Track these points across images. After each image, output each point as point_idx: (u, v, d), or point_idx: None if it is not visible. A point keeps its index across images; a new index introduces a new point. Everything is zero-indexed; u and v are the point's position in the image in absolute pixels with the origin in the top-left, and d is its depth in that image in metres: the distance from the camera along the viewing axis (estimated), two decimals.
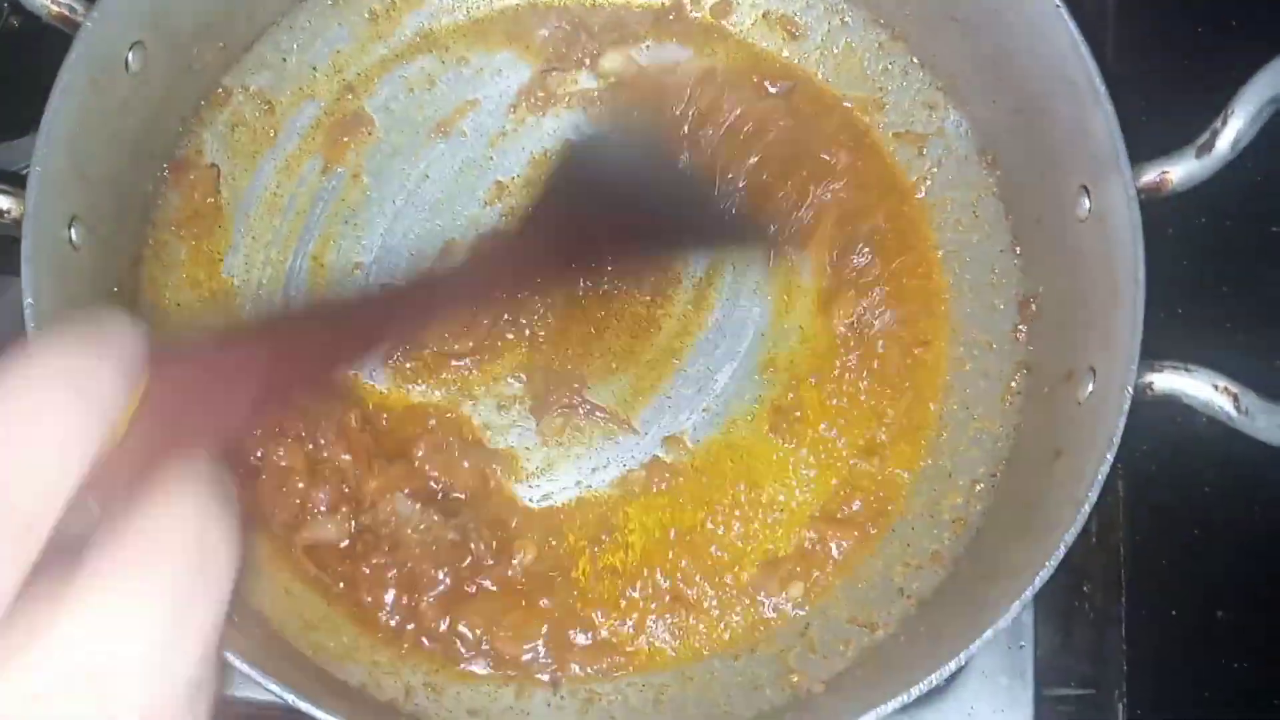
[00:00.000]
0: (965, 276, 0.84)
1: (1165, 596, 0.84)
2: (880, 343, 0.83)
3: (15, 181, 0.65)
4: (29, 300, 0.62)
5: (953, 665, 0.59)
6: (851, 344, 0.83)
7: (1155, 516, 0.86)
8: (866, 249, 0.84)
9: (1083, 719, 0.86)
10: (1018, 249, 0.82)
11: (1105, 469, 0.62)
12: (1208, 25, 0.85)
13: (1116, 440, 0.62)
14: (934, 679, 0.59)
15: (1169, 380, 0.65)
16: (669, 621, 0.77)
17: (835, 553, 0.79)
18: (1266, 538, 0.83)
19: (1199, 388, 0.64)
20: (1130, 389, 0.63)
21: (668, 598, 0.77)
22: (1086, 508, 0.61)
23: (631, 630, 0.77)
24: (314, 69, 0.85)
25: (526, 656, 0.75)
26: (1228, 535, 0.83)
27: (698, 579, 0.78)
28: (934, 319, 0.84)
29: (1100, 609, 0.87)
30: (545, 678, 0.75)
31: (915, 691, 0.59)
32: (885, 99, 0.87)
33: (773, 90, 0.87)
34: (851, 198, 0.85)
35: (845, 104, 0.87)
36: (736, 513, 0.79)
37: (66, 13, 0.69)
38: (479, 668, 0.75)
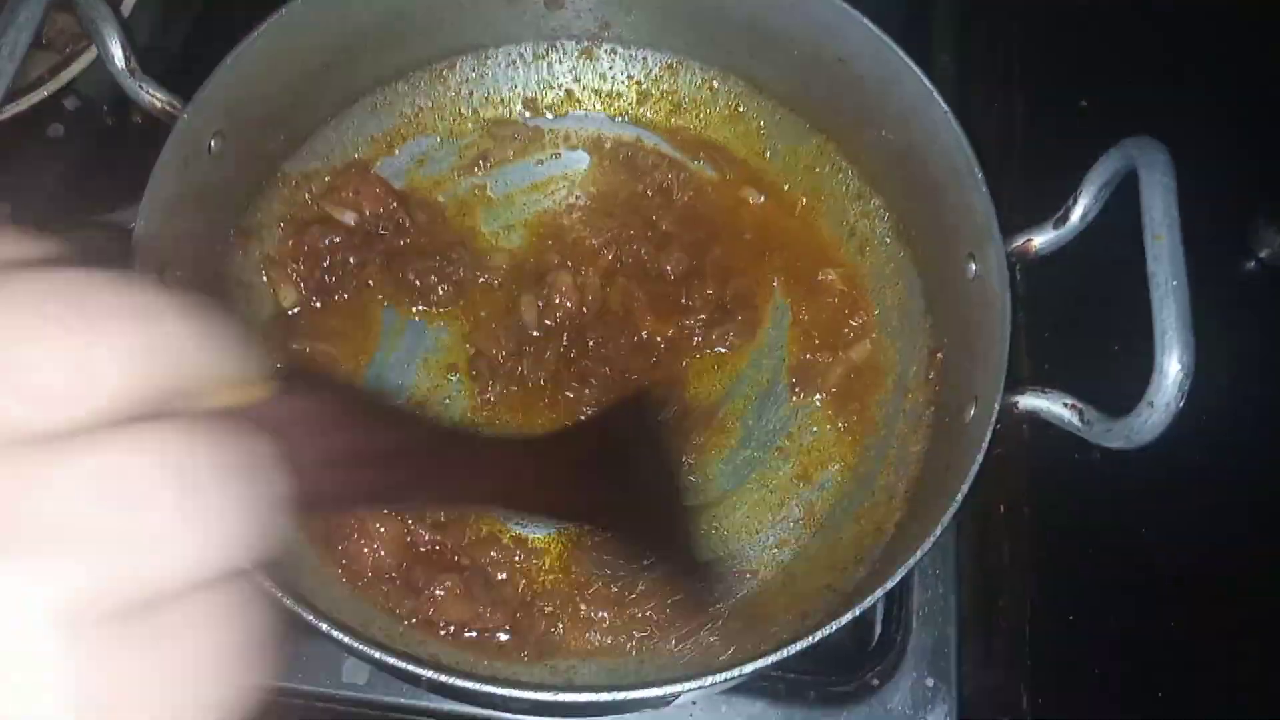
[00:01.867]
0: (889, 333, 1.01)
1: (1066, 605, 0.98)
2: (827, 394, 1.00)
3: (124, 235, 0.83)
4: None
5: (849, 616, 0.74)
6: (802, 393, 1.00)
7: (1058, 539, 0.99)
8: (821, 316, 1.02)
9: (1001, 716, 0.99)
10: (930, 310, 0.99)
11: (976, 466, 0.77)
12: (1075, 125, 1.03)
13: (985, 443, 0.78)
14: (833, 626, 0.74)
15: (1029, 400, 0.80)
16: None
17: (775, 563, 0.94)
18: (1151, 557, 0.97)
19: (1051, 405, 0.79)
20: (998, 405, 0.79)
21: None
22: (959, 498, 0.76)
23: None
24: (355, 159, 1.04)
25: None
26: (1117, 554, 0.97)
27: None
28: (871, 370, 1.00)
29: (1013, 618, 1.00)
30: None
31: (822, 632, 0.73)
32: (822, 190, 1.05)
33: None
34: (802, 275, 1.03)
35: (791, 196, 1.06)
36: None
37: (167, 108, 0.88)
38: None
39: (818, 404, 0.99)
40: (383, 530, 0.88)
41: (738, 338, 1.00)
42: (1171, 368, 0.70)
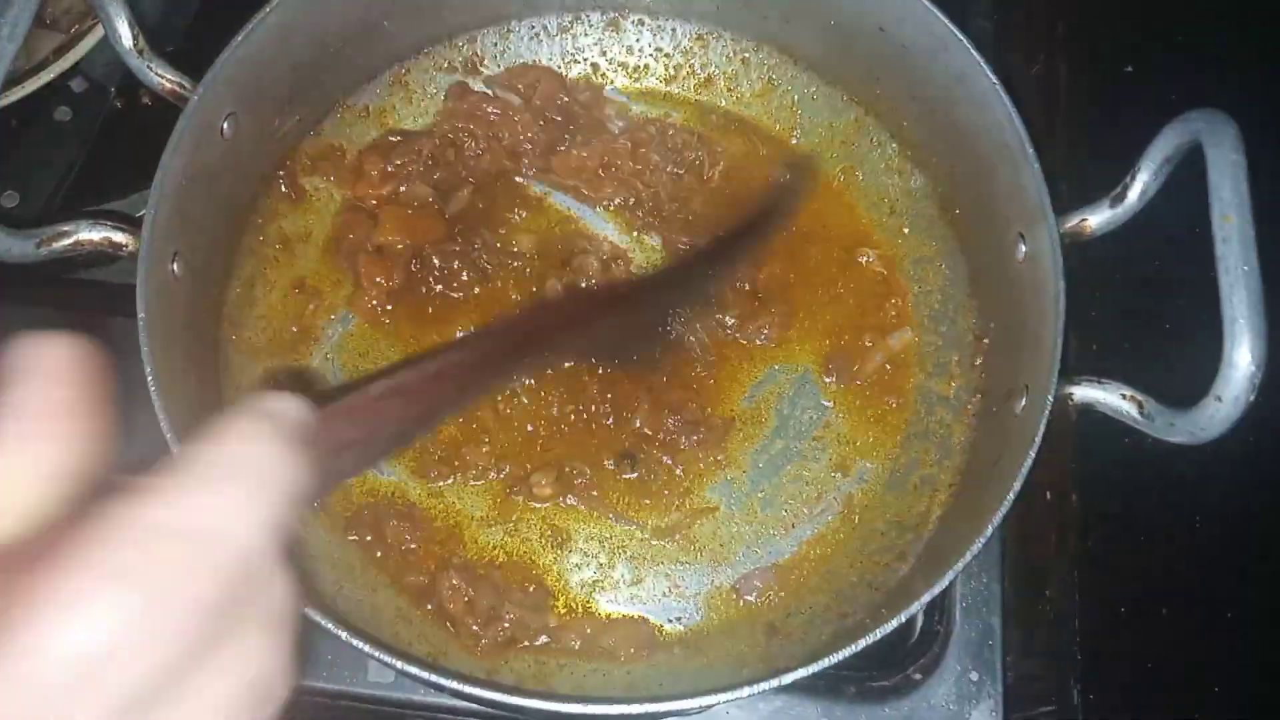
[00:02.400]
0: (931, 317, 0.96)
1: (1115, 594, 0.94)
2: (864, 383, 0.95)
3: (134, 223, 0.79)
4: (142, 316, 0.76)
5: (894, 622, 0.70)
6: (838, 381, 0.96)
7: (1106, 526, 0.96)
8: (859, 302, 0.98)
9: (1045, 711, 0.95)
10: (975, 292, 0.94)
11: (1029, 462, 0.73)
12: (1123, 94, 0.98)
13: (1039, 439, 0.74)
14: (878, 634, 0.70)
15: (1086, 392, 0.76)
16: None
17: (812, 556, 0.90)
18: (1203, 544, 0.93)
19: (1109, 397, 0.75)
20: (1052, 398, 0.75)
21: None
22: (1011, 496, 0.73)
23: None
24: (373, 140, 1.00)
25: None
26: (1167, 541, 0.93)
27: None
28: (911, 357, 0.96)
29: (1060, 608, 0.96)
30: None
31: (867, 639, 0.70)
32: (859, 167, 1.00)
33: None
34: (839, 258, 0.99)
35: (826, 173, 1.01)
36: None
37: (176, 89, 0.84)
38: None
39: (855, 393, 0.95)
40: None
41: (773, 330, 0.95)
42: (1242, 359, 0.66)
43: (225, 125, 0.86)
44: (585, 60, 1.03)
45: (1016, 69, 1.13)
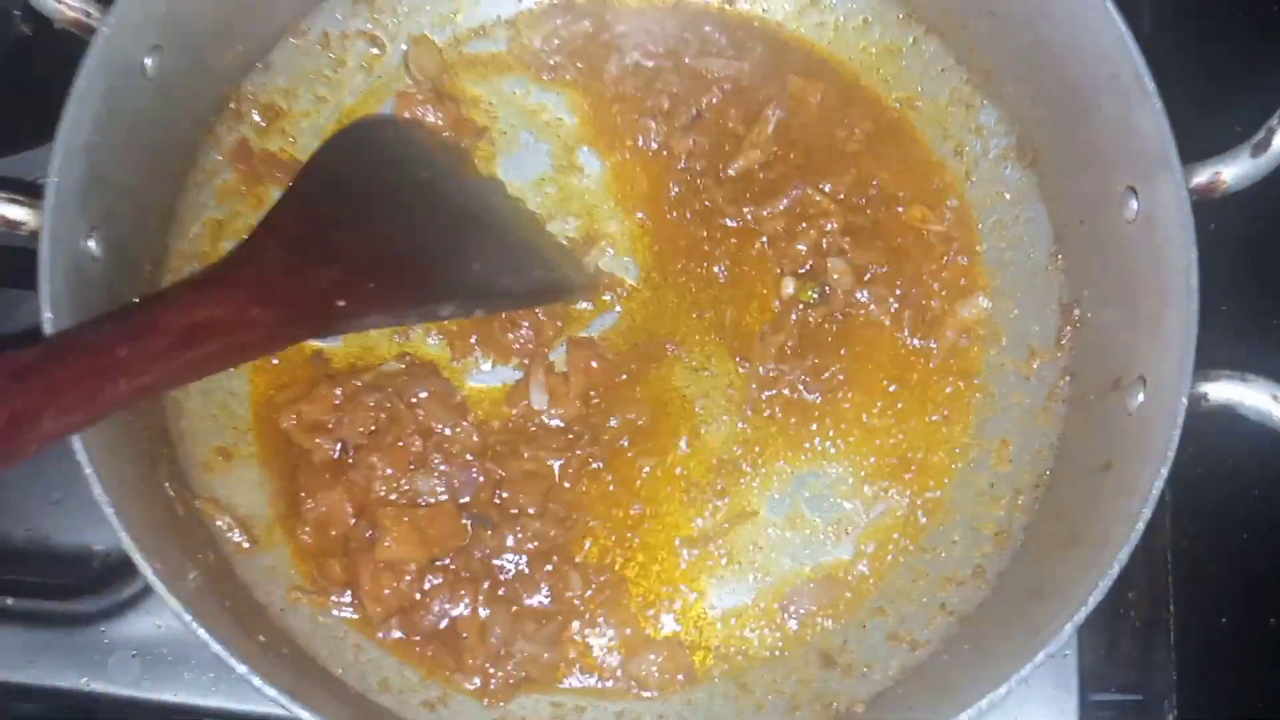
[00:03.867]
0: (1006, 280, 0.82)
1: (1214, 603, 0.82)
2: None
3: (32, 192, 0.63)
4: (47, 315, 0.61)
5: (1003, 690, 0.57)
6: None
7: (1202, 522, 0.83)
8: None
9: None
10: (1060, 253, 0.79)
11: (1160, 483, 0.60)
12: (1258, 19, 0.81)
13: (1171, 454, 0.60)
14: (983, 705, 0.57)
15: (1225, 390, 0.62)
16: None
17: (869, 568, 0.77)
18: None
19: (1257, 398, 0.61)
20: (1185, 399, 0.61)
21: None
22: (1141, 524, 0.59)
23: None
24: (333, 73, 0.84)
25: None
26: (1275, 541, 0.81)
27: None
28: (983, 327, 0.81)
29: (1146, 616, 0.84)
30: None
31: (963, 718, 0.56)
32: (919, 97, 0.84)
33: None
34: (890, 197, 0.83)
35: (880, 100, 0.85)
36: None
37: (81, 17, 0.67)
38: None
39: (916, 372, 0.80)
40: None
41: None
42: None
43: (148, 62, 0.69)
44: None
45: None
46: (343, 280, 0.66)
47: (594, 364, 0.79)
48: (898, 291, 0.81)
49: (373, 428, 0.74)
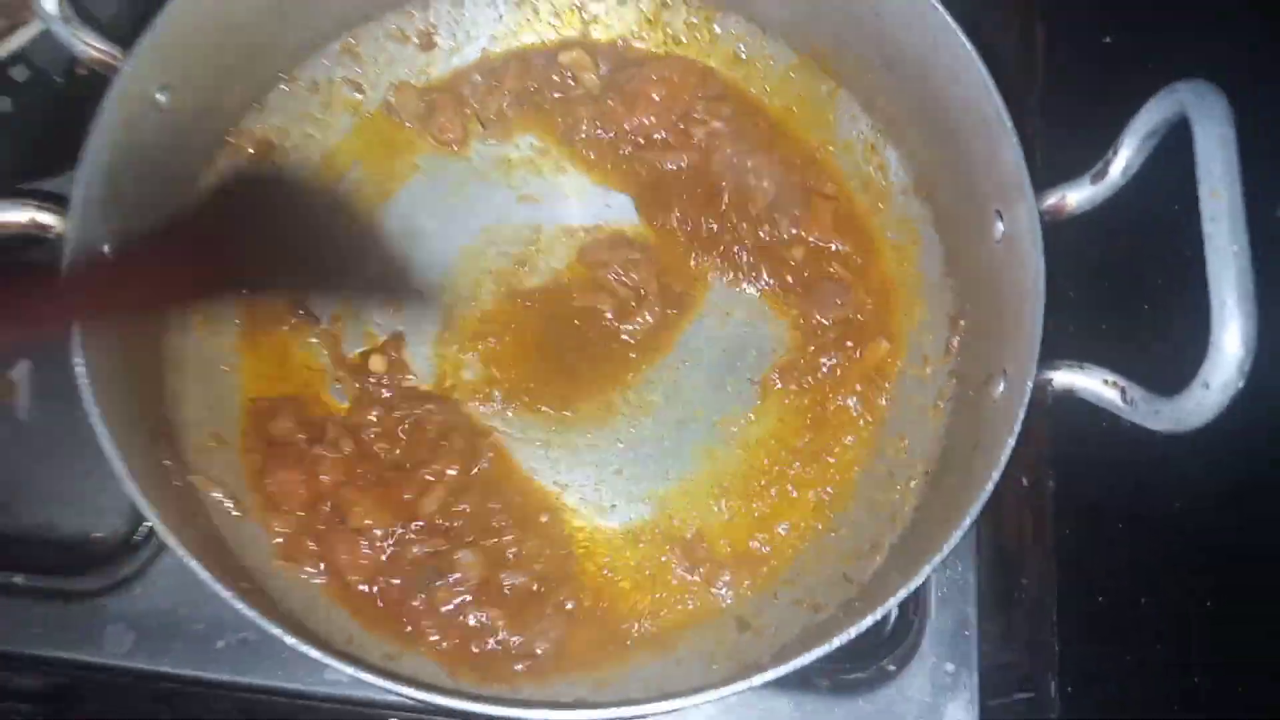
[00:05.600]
0: (905, 298, 0.93)
1: (1092, 585, 0.92)
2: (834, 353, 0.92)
3: (60, 202, 0.74)
4: None
5: (870, 619, 0.67)
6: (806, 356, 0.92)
7: (1083, 514, 0.93)
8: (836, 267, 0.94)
9: (1021, 699, 0.93)
10: (950, 273, 0.91)
11: (1008, 450, 0.70)
12: (1102, 65, 0.94)
13: (1018, 426, 0.71)
14: (852, 633, 0.67)
15: (1066, 377, 0.73)
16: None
17: (784, 547, 0.87)
18: (1182, 531, 0.90)
19: (1090, 382, 0.72)
20: (1031, 383, 0.72)
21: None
22: (989, 486, 0.70)
23: None
24: (320, 115, 0.95)
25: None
26: (1147, 530, 0.91)
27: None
28: (887, 337, 0.93)
29: (1035, 598, 0.94)
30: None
31: (841, 638, 0.67)
32: (834, 140, 0.96)
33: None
34: (815, 225, 0.95)
35: (801, 140, 0.97)
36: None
37: (106, 59, 0.79)
38: None
39: (825, 373, 0.91)
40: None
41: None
42: (1230, 344, 0.62)
43: (160, 97, 0.81)
44: (543, 25, 0.98)
45: (992, 33, 1.08)
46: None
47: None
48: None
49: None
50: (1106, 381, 0.72)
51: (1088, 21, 1.06)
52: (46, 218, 0.74)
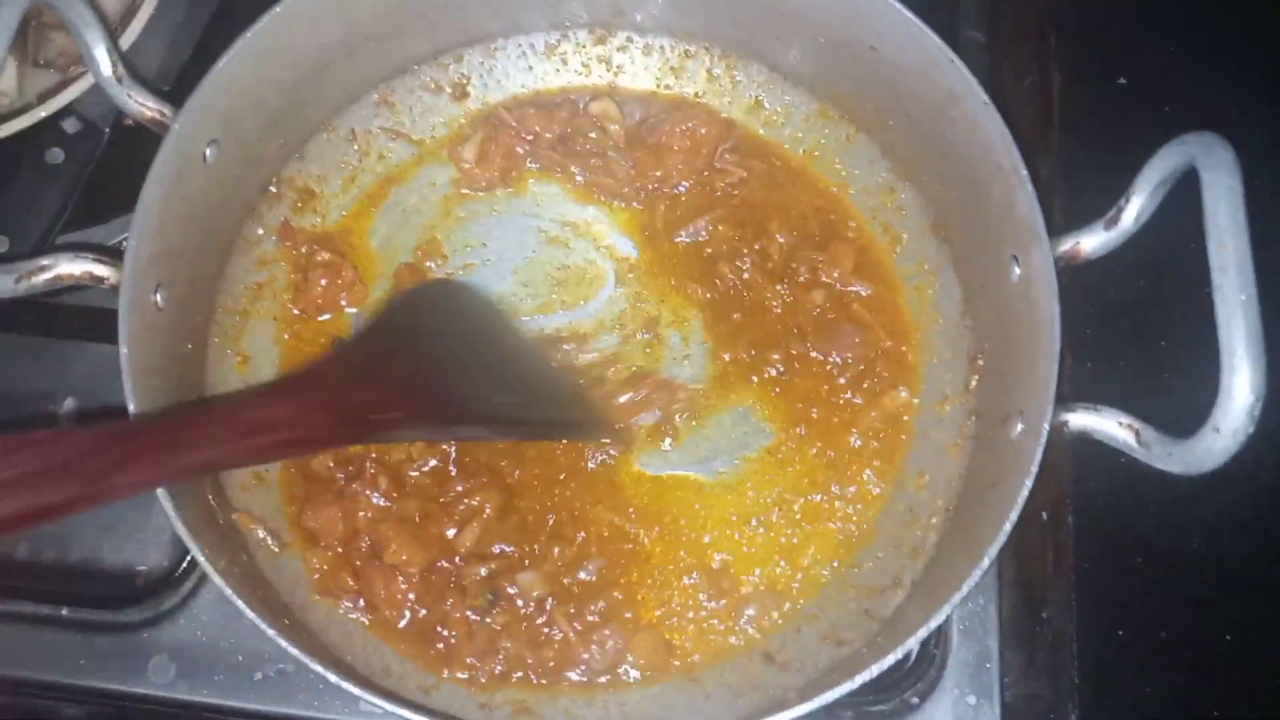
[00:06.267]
0: (926, 336, 0.95)
1: (1113, 618, 0.93)
2: (854, 393, 0.94)
3: (114, 255, 0.78)
4: (124, 350, 0.75)
5: (892, 657, 0.70)
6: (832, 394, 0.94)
7: (1102, 548, 0.95)
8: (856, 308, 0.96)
9: None
10: (968, 313, 0.93)
11: (1025, 492, 0.72)
12: (1115, 116, 0.97)
13: (1035, 468, 0.73)
14: (874, 671, 0.69)
15: (1081, 419, 0.75)
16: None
17: (808, 582, 0.89)
18: (1202, 564, 0.92)
19: (1105, 424, 0.74)
20: (1047, 425, 0.74)
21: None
22: (1008, 526, 0.72)
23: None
24: (359, 163, 0.99)
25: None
26: (1166, 563, 0.92)
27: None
28: (903, 374, 0.95)
29: (1056, 631, 0.95)
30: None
31: (865, 676, 0.69)
32: (852, 183, 0.99)
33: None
34: (835, 267, 0.97)
35: (819, 183, 1.00)
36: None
37: (157, 116, 0.83)
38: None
39: (846, 412, 0.94)
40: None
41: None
42: (1240, 391, 0.64)
43: (208, 152, 0.85)
44: (571, 74, 1.02)
45: (1007, 82, 1.11)
46: (389, 399, 0.78)
47: None
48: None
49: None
50: (1121, 424, 0.74)
51: (1102, 64, 1.09)
52: (101, 270, 0.78)
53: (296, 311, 0.94)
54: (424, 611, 0.85)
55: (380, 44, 0.95)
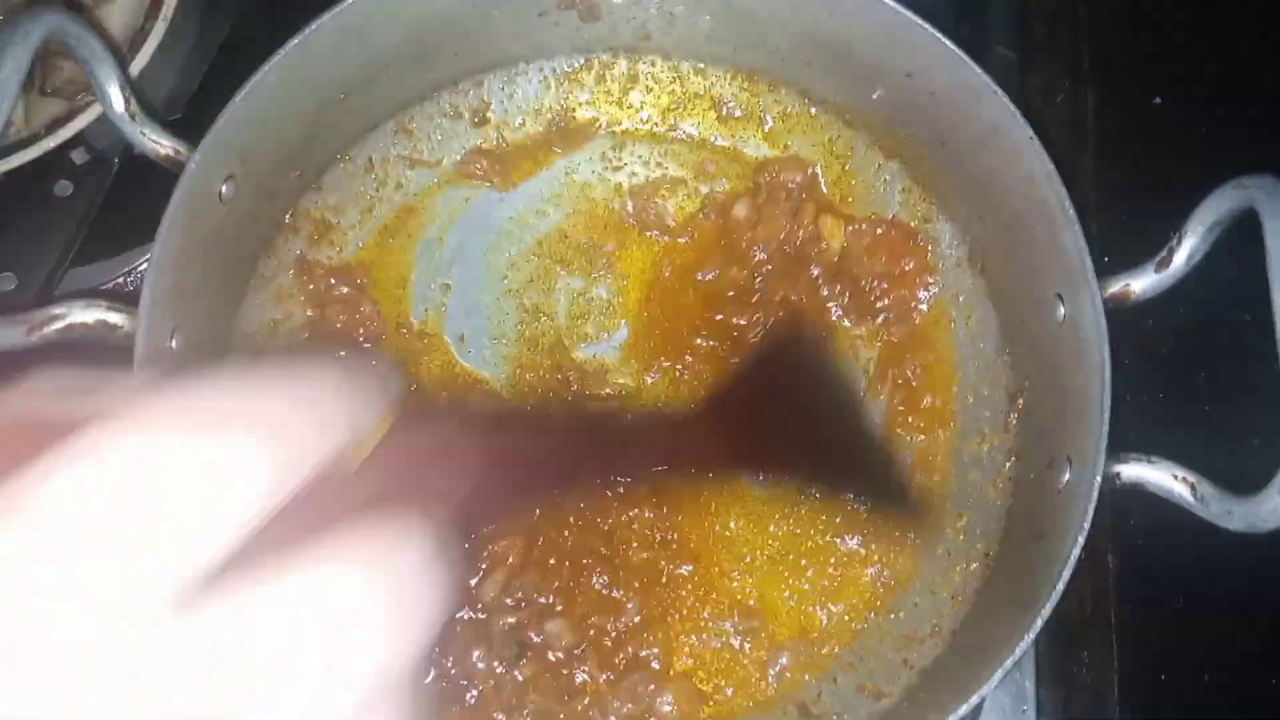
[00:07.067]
0: (963, 371, 0.92)
1: (1156, 662, 0.91)
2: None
3: (129, 300, 0.75)
4: None
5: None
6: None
7: (1143, 589, 0.92)
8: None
9: None
10: (1007, 348, 0.90)
11: (1078, 549, 0.70)
12: (1179, 153, 0.94)
13: (1087, 524, 0.70)
14: None
15: (1134, 470, 0.73)
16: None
17: (843, 630, 0.87)
18: (1247, 607, 0.89)
19: (1160, 476, 0.72)
20: (1099, 478, 0.71)
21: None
22: (1061, 584, 0.69)
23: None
24: (376, 192, 0.96)
25: None
26: (1209, 604, 0.90)
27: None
28: (937, 411, 0.92)
29: (1096, 674, 0.93)
30: None
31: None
32: (886, 212, 0.96)
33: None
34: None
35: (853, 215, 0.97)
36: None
37: (171, 154, 0.80)
38: None
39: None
40: None
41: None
42: None
43: (224, 189, 0.82)
44: (595, 105, 0.99)
45: (1035, 100, 1.08)
46: None
47: None
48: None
49: None
50: (1176, 477, 0.71)
51: (1136, 83, 1.06)
52: (115, 318, 0.75)
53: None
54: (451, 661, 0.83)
55: (400, 72, 0.92)
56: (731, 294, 0.93)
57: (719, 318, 0.93)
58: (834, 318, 0.94)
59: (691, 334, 0.93)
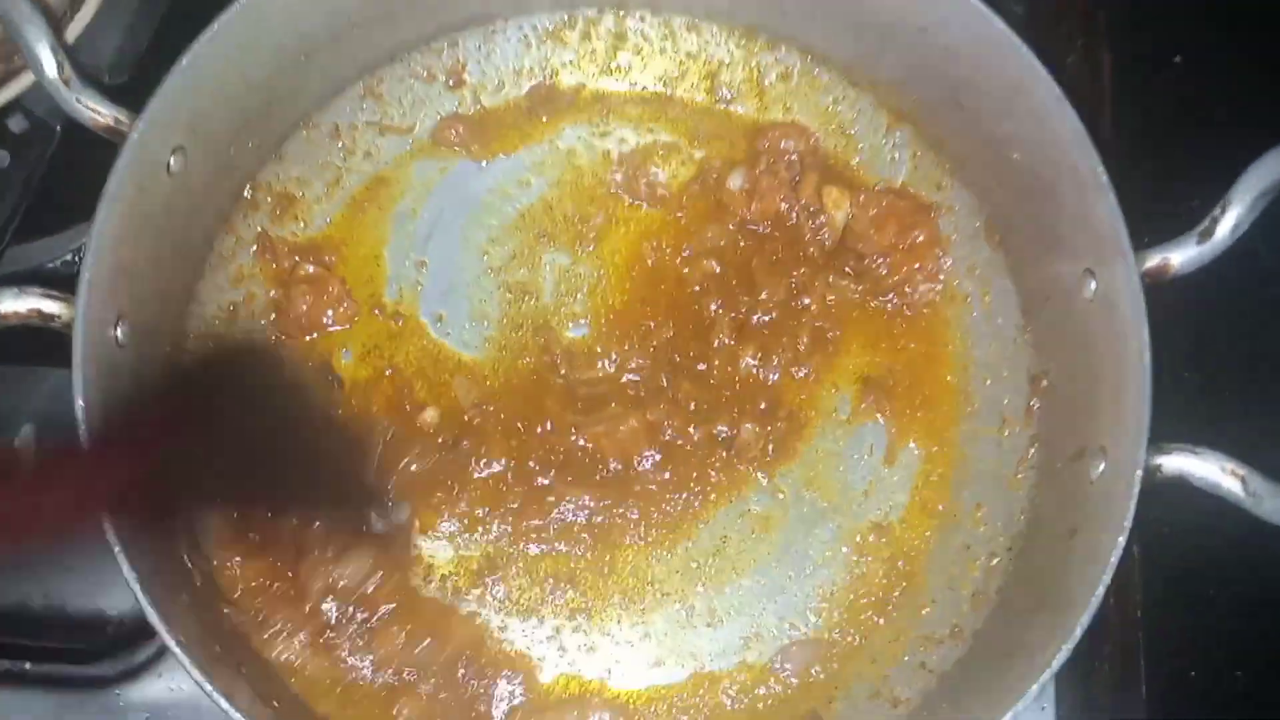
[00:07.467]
0: (979, 350, 0.86)
1: (1183, 657, 0.86)
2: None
3: (65, 287, 0.68)
4: (80, 402, 0.65)
5: None
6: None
7: (1170, 580, 0.87)
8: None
9: None
10: (1028, 326, 0.84)
11: (1119, 551, 0.64)
12: (1206, 115, 0.87)
13: (1128, 523, 0.65)
14: None
15: (1178, 462, 0.67)
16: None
17: (854, 629, 0.81)
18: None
19: (1208, 469, 0.66)
20: (1140, 472, 0.65)
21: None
22: (1101, 589, 0.63)
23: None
24: (343, 162, 0.88)
25: None
26: (1241, 596, 0.85)
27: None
28: (946, 392, 0.86)
29: (1119, 670, 0.88)
30: None
31: None
32: (896, 177, 0.89)
33: None
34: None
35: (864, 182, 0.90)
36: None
37: (112, 123, 0.72)
38: None
39: (893, 430, 0.85)
40: None
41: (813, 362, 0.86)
42: None
43: (172, 161, 0.74)
44: (578, 65, 0.91)
45: (1055, 54, 1.01)
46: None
47: None
48: None
49: None
50: (1225, 469, 0.65)
51: (1155, 41, 0.99)
52: (51, 306, 0.67)
53: (279, 336, 0.84)
54: None
55: (366, 30, 0.84)
56: (718, 271, 0.87)
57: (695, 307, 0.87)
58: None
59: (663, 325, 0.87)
